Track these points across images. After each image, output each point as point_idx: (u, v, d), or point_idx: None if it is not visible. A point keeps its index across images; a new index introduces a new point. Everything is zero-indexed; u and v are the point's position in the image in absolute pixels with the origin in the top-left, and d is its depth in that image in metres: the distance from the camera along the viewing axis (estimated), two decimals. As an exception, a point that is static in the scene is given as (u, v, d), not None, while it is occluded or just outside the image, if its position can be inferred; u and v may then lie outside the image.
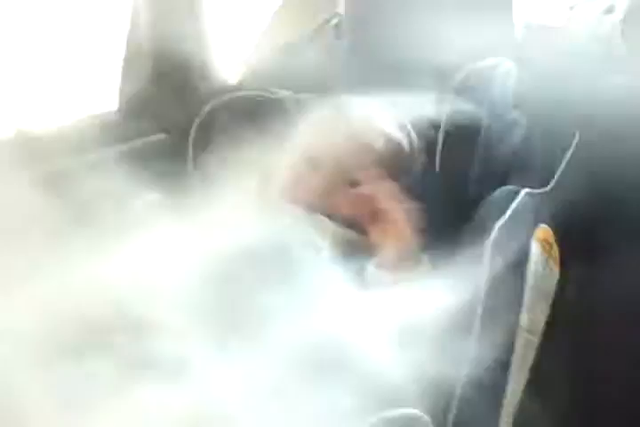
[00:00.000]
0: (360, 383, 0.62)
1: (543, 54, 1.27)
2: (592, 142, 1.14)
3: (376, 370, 0.68)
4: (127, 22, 1.42)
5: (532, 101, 1.20)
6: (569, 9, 1.38)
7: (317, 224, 0.95)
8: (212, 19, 1.46)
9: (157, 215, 1.09)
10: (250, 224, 0.98)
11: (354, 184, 0.98)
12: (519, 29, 1.26)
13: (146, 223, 1.08)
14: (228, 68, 1.64)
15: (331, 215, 0.97)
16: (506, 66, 1.02)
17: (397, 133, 1.03)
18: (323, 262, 0.86)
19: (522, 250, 0.80)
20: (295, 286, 0.78)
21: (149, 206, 1.10)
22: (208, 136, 1.15)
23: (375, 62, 1.37)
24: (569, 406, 0.99)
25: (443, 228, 0.85)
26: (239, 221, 1.00)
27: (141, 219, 1.07)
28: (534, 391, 0.84)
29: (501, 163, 1.03)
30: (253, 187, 1.07)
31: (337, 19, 1.51)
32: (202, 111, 1.16)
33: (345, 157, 0.98)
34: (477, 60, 1.02)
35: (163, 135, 1.38)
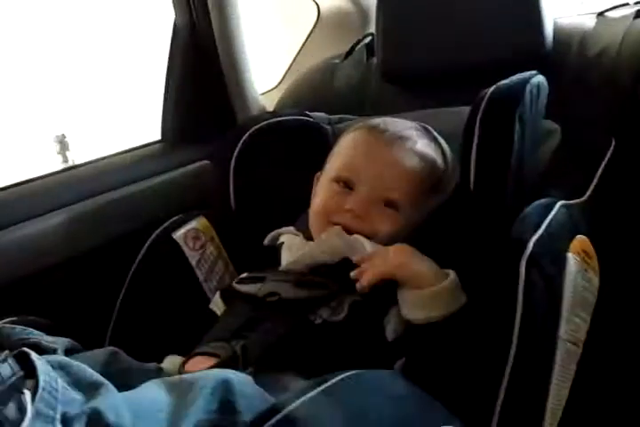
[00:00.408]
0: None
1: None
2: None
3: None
4: (167, 53, 1.47)
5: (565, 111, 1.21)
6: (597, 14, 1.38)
7: (355, 244, 0.97)
8: (249, 45, 1.49)
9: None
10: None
11: (389, 204, 0.99)
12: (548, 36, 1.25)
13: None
14: (265, 93, 1.68)
15: (367, 234, 0.98)
16: (537, 78, 1.02)
17: (432, 152, 1.05)
18: None
19: (559, 262, 0.80)
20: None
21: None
22: (249, 162, 1.18)
23: (408, 80, 1.38)
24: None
25: (478, 245, 0.85)
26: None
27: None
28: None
29: (536, 175, 1.03)
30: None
31: (369, 38, 1.53)
32: (242, 138, 1.18)
33: (380, 177, 1.00)
34: (507, 73, 1.01)
35: (205, 162, 1.42)
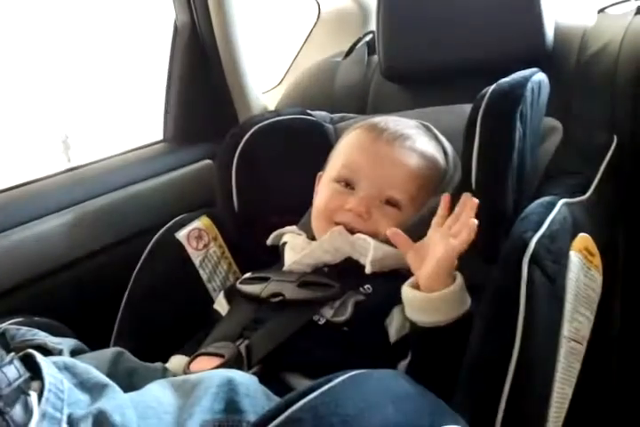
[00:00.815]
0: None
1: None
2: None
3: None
4: (169, 53, 1.47)
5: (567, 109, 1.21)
6: (598, 11, 1.38)
7: (358, 242, 0.97)
8: (251, 44, 1.49)
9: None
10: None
11: (391, 202, 1.00)
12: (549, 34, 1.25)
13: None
14: (267, 92, 1.68)
15: (369, 233, 0.98)
16: (538, 76, 1.01)
17: (433, 151, 1.05)
18: None
19: (561, 260, 0.81)
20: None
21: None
22: (251, 161, 1.18)
23: (409, 79, 1.38)
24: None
25: (480, 243, 0.85)
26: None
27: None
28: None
29: (537, 173, 1.03)
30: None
31: (370, 36, 1.53)
32: (244, 137, 1.18)
33: (381, 176, 1.00)
34: (508, 71, 1.01)
35: (208, 161, 1.43)
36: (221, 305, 1.06)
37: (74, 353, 0.84)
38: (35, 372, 0.62)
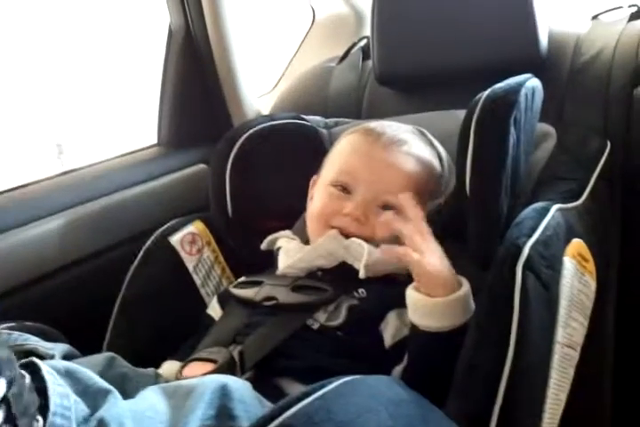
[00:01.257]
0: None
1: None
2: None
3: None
4: (163, 58, 1.47)
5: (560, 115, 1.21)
6: (591, 18, 1.39)
7: (352, 246, 0.97)
8: (244, 49, 1.49)
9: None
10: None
11: (387, 207, 0.99)
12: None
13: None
14: (261, 97, 1.68)
15: (366, 238, 0.98)
16: (532, 82, 1.02)
17: (428, 155, 1.05)
18: None
19: (555, 266, 0.80)
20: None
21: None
22: (245, 165, 1.17)
23: (403, 84, 1.39)
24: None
25: (474, 249, 0.85)
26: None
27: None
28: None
29: (531, 179, 1.03)
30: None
31: (364, 42, 1.54)
32: (238, 141, 1.18)
33: (378, 181, 1.00)
34: (502, 77, 1.01)
35: (202, 166, 1.42)
36: (214, 310, 1.06)
37: (65, 358, 0.83)
38: (36, 379, 0.62)
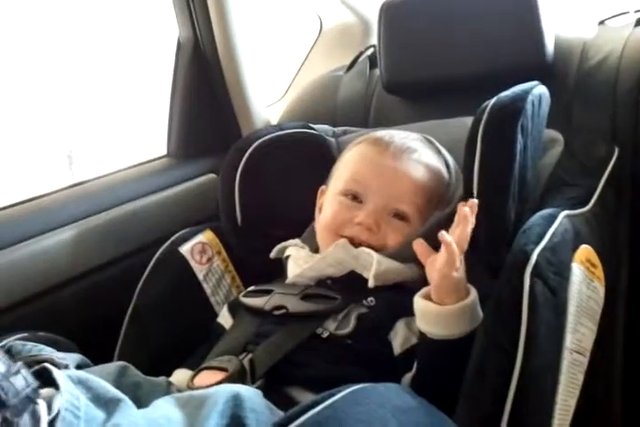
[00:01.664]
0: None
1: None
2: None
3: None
4: (172, 69, 1.48)
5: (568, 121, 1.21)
6: (598, 23, 1.39)
7: (362, 256, 0.97)
8: (252, 59, 1.50)
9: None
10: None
11: (399, 215, 1.00)
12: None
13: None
14: (269, 106, 1.69)
15: (376, 246, 0.98)
16: (539, 89, 1.02)
17: (437, 164, 1.05)
18: None
19: (563, 272, 0.81)
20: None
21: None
22: (254, 175, 1.18)
23: (410, 92, 1.39)
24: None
25: (483, 256, 0.85)
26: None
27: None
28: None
29: (539, 185, 1.03)
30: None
31: (371, 50, 1.54)
32: (247, 151, 1.19)
33: (389, 190, 1.00)
34: (508, 84, 1.02)
35: (211, 176, 1.43)
36: (225, 319, 1.06)
37: (78, 368, 0.83)
38: (48, 384, 0.63)
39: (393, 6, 1.36)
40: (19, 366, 0.60)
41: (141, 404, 0.72)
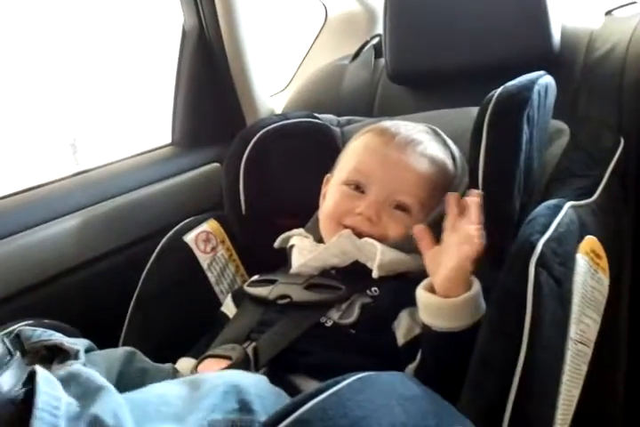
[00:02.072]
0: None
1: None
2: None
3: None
4: (177, 57, 1.48)
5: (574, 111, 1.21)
6: (605, 13, 1.38)
7: (366, 246, 0.97)
8: (257, 48, 1.50)
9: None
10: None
11: (400, 207, 1.00)
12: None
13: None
14: (273, 95, 1.69)
15: (377, 237, 0.98)
16: (545, 79, 1.01)
17: (443, 156, 1.05)
18: None
19: (568, 263, 0.81)
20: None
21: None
22: (258, 164, 1.18)
23: (416, 82, 1.39)
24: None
25: (488, 247, 0.85)
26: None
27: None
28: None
29: (544, 176, 1.03)
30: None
31: (377, 40, 1.54)
32: (251, 140, 1.19)
33: (392, 181, 1.00)
34: (515, 74, 1.01)
35: (215, 165, 1.43)
36: (229, 308, 1.06)
37: (86, 353, 0.84)
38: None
39: (399, -5, 1.35)
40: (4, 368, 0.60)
41: None
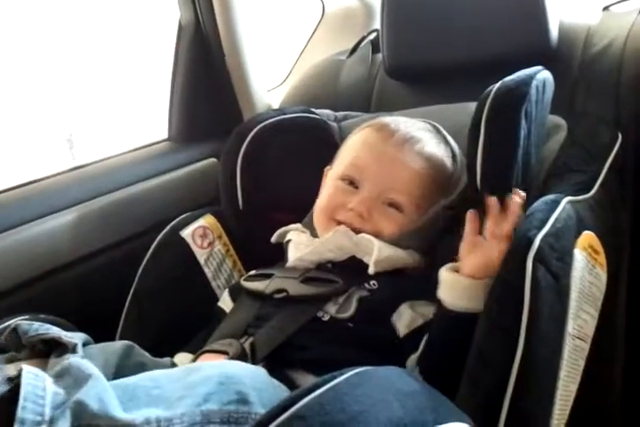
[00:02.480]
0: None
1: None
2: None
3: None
4: (173, 52, 1.48)
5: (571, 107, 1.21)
6: (602, 9, 1.38)
7: (362, 242, 0.97)
8: (254, 43, 1.50)
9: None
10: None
11: (393, 204, 0.99)
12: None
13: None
14: (271, 90, 1.69)
15: (372, 233, 0.98)
16: (543, 74, 1.01)
17: (441, 155, 1.05)
18: None
19: (566, 258, 0.81)
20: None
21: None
22: (256, 159, 1.18)
23: (413, 77, 1.38)
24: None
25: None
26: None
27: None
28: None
29: (542, 171, 1.03)
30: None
31: (374, 35, 1.53)
32: (248, 135, 1.18)
33: (386, 178, 1.00)
34: (512, 69, 1.01)
35: (212, 160, 1.43)
36: (225, 303, 1.06)
37: (84, 346, 0.83)
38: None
39: (396, -10, 1.35)
40: None
41: None
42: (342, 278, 0.94)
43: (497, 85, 0.96)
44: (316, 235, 1.04)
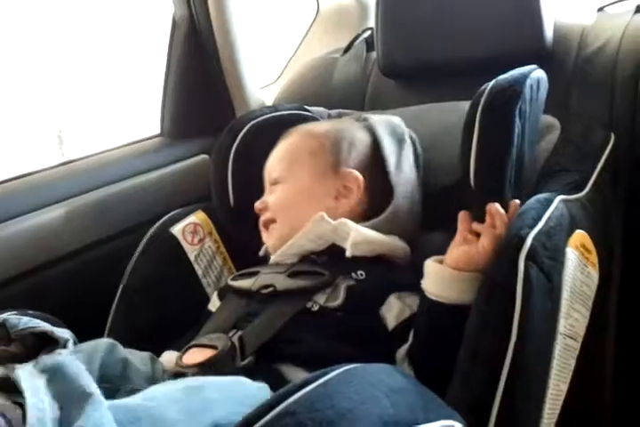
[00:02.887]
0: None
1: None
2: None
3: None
4: (167, 48, 1.47)
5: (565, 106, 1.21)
6: (597, 9, 1.38)
7: (339, 227, 0.97)
8: (248, 40, 1.49)
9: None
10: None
11: (275, 184, 1.06)
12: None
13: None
14: (265, 88, 1.68)
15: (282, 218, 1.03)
16: (537, 73, 1.01)
17: (319, 129, 1.08)
18: None
19: (558, 257, 0.80)
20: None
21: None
22: (247, 156, 1.17)
23: (407, 75, 1.38)
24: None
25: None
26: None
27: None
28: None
29: (535, 170, 1.03)
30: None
31: (368, 33, 1.53)
32: (241, 132, 1.18)
33: (267, 166, 1.05)
34: (506, 68, 1.01)
35: (204, 156, 1.42)
36: (215, 306, 1.05)
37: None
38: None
39: (390, -12, 1.34)
40: None
41: (130, 380, 0.71)
42: (328, 270, 0.94)
43: (491, 83, 0.96)
44: None
